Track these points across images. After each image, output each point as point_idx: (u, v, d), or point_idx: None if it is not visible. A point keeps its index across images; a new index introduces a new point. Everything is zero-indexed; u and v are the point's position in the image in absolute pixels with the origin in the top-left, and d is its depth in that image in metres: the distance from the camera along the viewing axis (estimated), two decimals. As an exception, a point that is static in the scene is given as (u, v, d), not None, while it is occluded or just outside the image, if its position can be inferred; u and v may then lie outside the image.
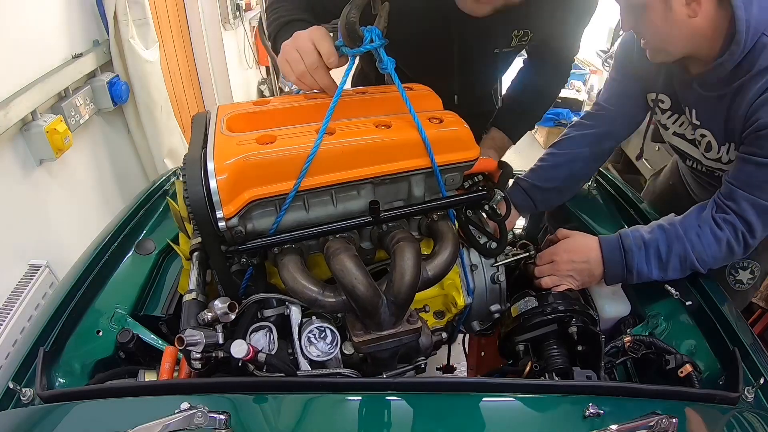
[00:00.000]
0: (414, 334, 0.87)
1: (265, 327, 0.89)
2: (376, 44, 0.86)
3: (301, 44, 0.94)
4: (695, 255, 1.05)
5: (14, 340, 1.63)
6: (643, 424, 0.65)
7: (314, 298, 0.83)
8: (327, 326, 0.88)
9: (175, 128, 2.75)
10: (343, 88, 0.90)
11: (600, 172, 1.55)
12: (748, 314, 2.04)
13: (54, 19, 2.02)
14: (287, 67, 0.98)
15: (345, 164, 0.86)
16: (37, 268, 1.85)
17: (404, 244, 0.86)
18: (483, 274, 1.09)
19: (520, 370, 0.99)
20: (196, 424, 0.61)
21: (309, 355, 0.87)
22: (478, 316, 1.12)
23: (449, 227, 0.95)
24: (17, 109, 1.75)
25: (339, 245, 0.86)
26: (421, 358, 0.98)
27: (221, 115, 0.94)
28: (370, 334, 0.84)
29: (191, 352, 0.78)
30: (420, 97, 1.04)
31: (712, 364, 0.95)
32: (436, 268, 0.90)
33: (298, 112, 0.97)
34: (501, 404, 0.79)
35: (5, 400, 0.84)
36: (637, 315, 1.11)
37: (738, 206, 1.03)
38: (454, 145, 0.92)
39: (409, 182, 0.93)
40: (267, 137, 0.84)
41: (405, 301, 0.84)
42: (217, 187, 0.78)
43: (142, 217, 1.31)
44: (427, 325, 1.00)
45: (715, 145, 1.13)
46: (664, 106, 1.24)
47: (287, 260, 0.86)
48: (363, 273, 0.81)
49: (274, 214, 0.86)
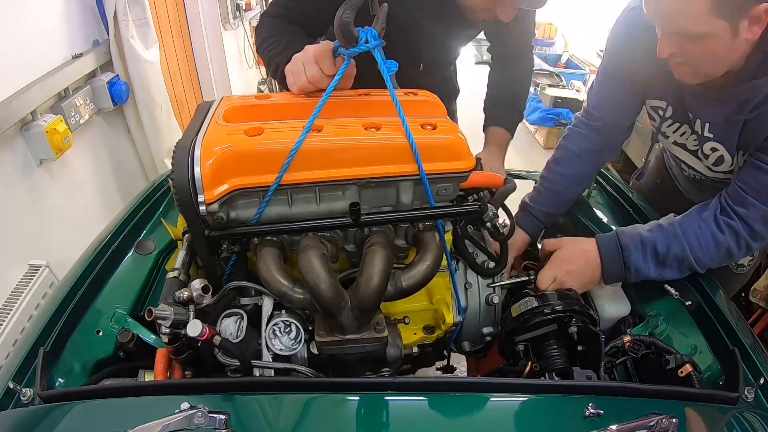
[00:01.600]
0: (378, 343, 0.87)
1: (237, 314, 0.90)
2: (371, 45, 0.86)
3: (306, 57, 0.98)
4: (693, 256, 1.04)
5: (14, 340, 1.63)
6: (643, 424, 0.65)
7: (284, 292, 0.84)
8: (293, 322, 0.89)
9: (175, 128, 2.74)
10: (333, 87, 0.90)
11: (600, 172, 1.55)
12: (748, 314, 2.04)
13: (54, 19, 2.02)
14: (290, 78, 1.02)
15: (329, 162, 0.86)
16: (37, 268, 1.85)
17: (375, 249, 0.85)
18: (478, 293, 1.06)
19: (520, 370, 0.99)
20: (196, 424, 0.61)
21: (272, 348, 0.88)
22: (469, 337, 1.10)
23: (434, 239, 0.93)
24: (17, 109, 1.75)
25: (310, 242, 0.87)
26: (387, 369, 0.95)
27: (222, 106, 0.97)
28: (332, 336, 0.85)
29: (160, 326, 0.80)
30: (422, 103, 1.04)
31: (712, 364, 0.95)
32: (411, 279, 0.88)
33: (296, 108, 0.97)
34: (501, 404, 0.79)
35: (5, 400, 0.84)
36: (637, 315, 1.11)
37: (747, 213, 1.01)
38: (445, 154, 0.89)
39: (397, 188, 0.91)
40: (255, 129, 0.86)
41: (369, 306, 0.83)
42: (201, 172, 0.80)
43: (142, 217, 1.31)
44: (399, 336, 0.97)
45: (728, 158, 1.09)
46: (666, 115, 1.18)
47: (265, 251, 0.88)
48: (327, 272, 0.82)
49: (258, 205, 0.87)
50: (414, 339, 1.05)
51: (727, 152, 1.09)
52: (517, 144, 1.52)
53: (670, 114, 1.18)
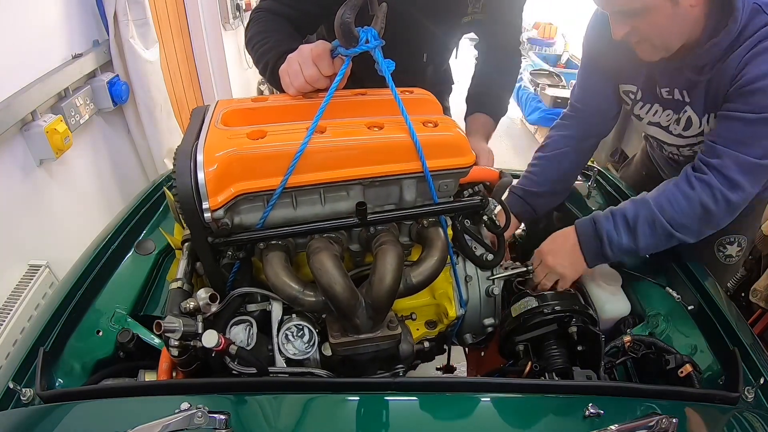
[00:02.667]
0: (392, 341, 0.87)
1: (245, 321, 0.89)
2: (371, 45, 0.85)
3: (303, 57, 0.96)
4: (665, 217, 1.05)
5: (14, 340, 1.63)
6: (643, 424, 0.65)
7: (294, 296, 0.84)
8: (306, 325, 0.88)
9: (175, 128, 2.75)
10: (335, 88, 0.89)
11: (600, 172, 1.55)
12: (748, 314, 2.04)
13: (54, 19, 2.02)
14: (286, 79, 1.00)
15: (334, 163, 0.85)
16: (37, 268, 1.85)
17: (386, 248, 0.85)
18: (478, 286, 1.07)
19: (520, 370, 0.99)
20: (196, 424, 0.61)
21: (285, 353, 0.87)
22: (471, 329, 1.11)
23: (439, 234, 0.94)
24: (17, 109, 1.75)
25: (320, 244, 0.86)
26: (401, 366, 0.96)
27: (219, 110, 0.96)
28: (347, 337, 0.84)
29: (169, 339, 0.78)
30: (418, 101, 1.04)
31: (712, 364, 0.95)
32: (420, 275, 0.89)
33: (295, 110, 0.97)
34: (501, 404, 0.79)
35: (5, 400, 0.84)
36: (637, 315, 1.11)
37: (721, 162, 1.02)
38: (447, 151, 0.91)
39: (401, 186, 0.92)
40: (258, 132, 0.85)
41: (383, 305, 0.83)
42: (205, 178, 0.79)
43: (142, 217, 1.31)
44: (410, 332, 0.98)
45: (696, 119, 1.15)
46: (638, 98, 1.25)
47: (271, 256, 0.87)
48: (341, 273, 0.81)
49: (262, 210, 0.86)
50: (417, 335, 1.05)
51: (696, 114, 1.14)
52: (517, 144, 1.52)
53: (640, 97, 1.25)
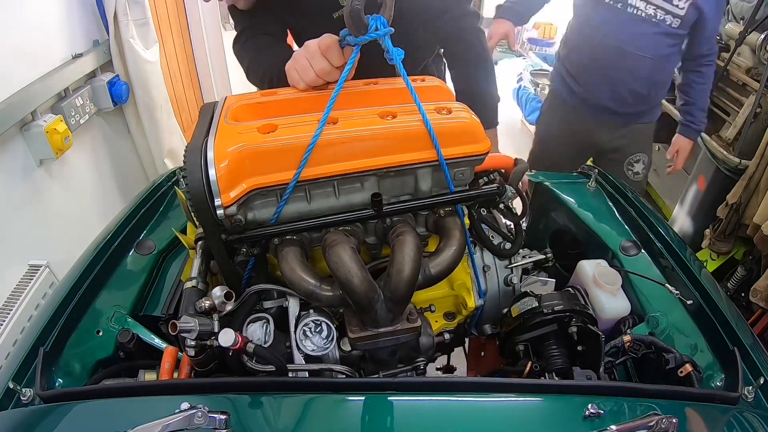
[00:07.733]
0: (413, 333, 0.85)
1: (262, 318, 0.88)
2: (381, 33, 0.84)
3: (311, 52, 0.94)
4: None
5: (14, 340, 1.63)
6: (643, 424, 0.65)
7: (311, 291, 0.82)
8: (324, 320, 0.87)
9: (175, 128, 2.75)
10: (345, 78, 0.88)
11: (600, 172, 1.55)
12: (748, 314, 2.04)
13: (54, 20, 2.02)
14: (294, 75, 0.98)
15: (347, 155, 0.84)
16: (37, 268, 1.85)
17: (404, 239, 0.84)
18: (496, 275, 1.05)
19: (520, 370, 0.99)
20: (196, 424, 0.61)
21: (304, 349, 0.86)
22: (490, 319, 1.09)
23: (456, 224, 0.92)
24: (17, 109, 1.75)
25: (337, 237, 0.85)
26: (421, 359, 0.95)
27: (227, 106, 0.94)
28: (366, 331, 0.83)
29: (185, 339, 0.77)
30: (431, 89, 1.02)
31: (712, 364, 0.95)
32: (439, 266, 0.87)
33: (304, 102, 0.95)
34: (501, 404, 0.79)
35: (5, 400, 0.84)
36: (637, 315, 1.11)
37: None
38: (462, 138, 0.88)
39: (416, 176, 0.90)
40: (268, 126, 0.83)
41: (403, 297, 0.82)
42: (216, 175, 0.78)
43: (142, 217, 1.31)
44: (429, 324, 0.98)
45: None
46: None
47: (287, 251, 0.85)
48: (359, 266, 0.80)
49: (275, 205, 0.85)
50: (436, 327, 1.04)
51: None
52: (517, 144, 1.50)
53: None
